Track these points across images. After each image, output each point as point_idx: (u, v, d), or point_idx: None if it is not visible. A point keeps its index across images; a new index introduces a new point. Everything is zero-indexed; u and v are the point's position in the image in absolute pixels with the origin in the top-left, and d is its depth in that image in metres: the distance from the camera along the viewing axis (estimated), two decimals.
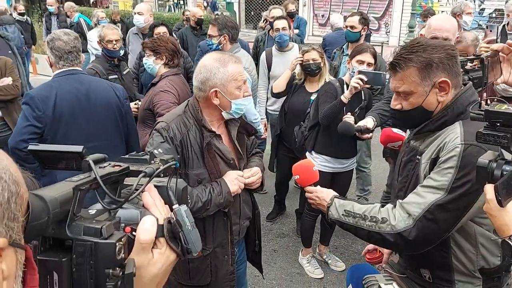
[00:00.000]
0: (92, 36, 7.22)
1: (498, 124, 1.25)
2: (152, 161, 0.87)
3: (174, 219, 0.83)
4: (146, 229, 0.76)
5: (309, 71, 3.70)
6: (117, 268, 0.67)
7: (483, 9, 12.97)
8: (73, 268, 0.66)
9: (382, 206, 1.76)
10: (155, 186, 0.85)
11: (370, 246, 2.31)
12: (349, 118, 3.20)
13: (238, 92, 2.10)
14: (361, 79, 3.05)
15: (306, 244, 3.87)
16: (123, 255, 0.69)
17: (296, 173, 2.09)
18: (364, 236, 1.76)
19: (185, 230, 0.83)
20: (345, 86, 3.31)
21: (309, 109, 3.65)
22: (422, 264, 1.83)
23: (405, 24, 12.96)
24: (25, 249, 0.58)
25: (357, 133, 3.04)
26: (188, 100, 2.24)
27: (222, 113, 2.16)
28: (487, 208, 1.26)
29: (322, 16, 16.78)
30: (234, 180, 2.14)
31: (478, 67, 2.16)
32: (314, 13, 16.93)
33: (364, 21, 4.29)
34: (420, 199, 1.61)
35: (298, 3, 15.36)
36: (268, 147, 5.68)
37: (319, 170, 3.38)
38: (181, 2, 21.42)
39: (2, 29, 6.68)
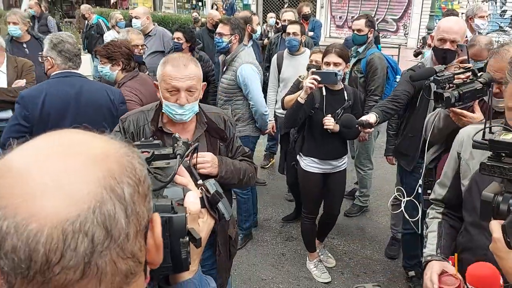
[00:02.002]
0: (109, 38, 7.35)
1: (504, 155, 1.15)
2: (176, 144, 0.99)
3: (212, 191, 0.97)
4: (193, 202, 0.89)
5: None
6: (186, 237, 0.78)
7: (504, 11, 12.70)
8: None
9: None
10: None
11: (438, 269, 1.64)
12: (328, 120, 3.27)
13: (167, 95, 2.05)
14: (315, 79, 3.10)
15: (310, 248, 3.85)
16: (188, 226, 0.79)
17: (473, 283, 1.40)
18: None
19: (222, 199, 0.99)
20: (323, 88, 3.33)
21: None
22: None
23: (424, 25, 12.78)
24: None
25: (359, 127, 3.02)
26: None
27: None
28: (494, 248, 1.15)
29: (340, 17, 16.67)
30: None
31: (470, 79, 2.12)
32: (331, 14, 16.85)
33: (371, 23, 4.31)
34: None
35: (315, 5, 15.34)
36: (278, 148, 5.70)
37: (310, 172, 3.51)
38: (200, 4, 21.61)
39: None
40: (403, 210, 2.68)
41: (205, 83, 2.20)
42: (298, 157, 3.61)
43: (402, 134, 3.38)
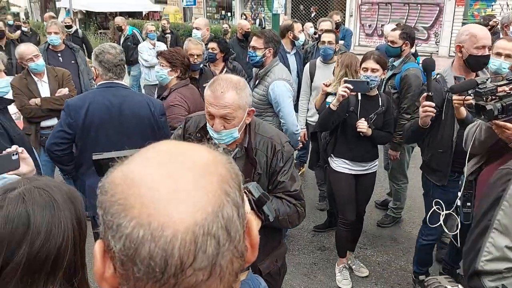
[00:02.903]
0: (143, 48, 7.55)
1: None
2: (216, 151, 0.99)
3: (256, 194, 1.00)
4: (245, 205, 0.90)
5: None
6: None
7: None
8: None
9: None
10: None
11: None
12: (362, 123, 3.38)
13: (207, 117, 2.06)
14: (348, 87, 3.18)
15: (341, 254, 3.89)
16: None
17: None
18: None
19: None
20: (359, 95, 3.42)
21: None
22: None
23: (455, 34, 12.58)
24: None
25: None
26: None
27: None
28: None
29: (369, 26, 16.58)
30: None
31: None
32: (361, 23, 16.78)
33: (406, 36, 4.15)
34: None
35: (344, 13, 15.31)
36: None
37: (341, 172, 3.58)
38: (229, 14, 21.91)
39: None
40: (442, 224, 2.63)
41: (253, 109, 2.13)
42: (329, 158, 3.70)
43: (430, 149, 3.27)
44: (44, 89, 4.24)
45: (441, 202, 2.75)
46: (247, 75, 5.00)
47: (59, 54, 5.35)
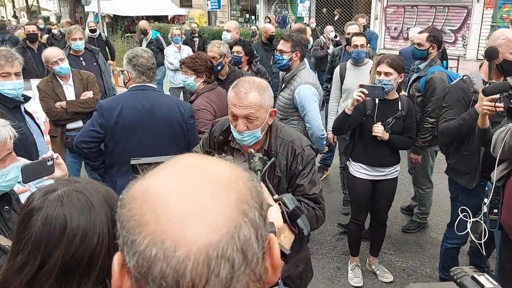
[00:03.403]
0: (168, 52, 7.66)
1: None
2: (252, 160, 1.01)
3: (291, 206, 0.97)
4: (277, 218, 0.90)
5: None
6: None
7: None
8: None
9: None
10: None
11: None
12: (377, 127, 3.34)
13: (231, 119, 2.12)
14: (363, 92, 3.17)
15: (353, 252, 3.94)
16: None
17: None
18: None
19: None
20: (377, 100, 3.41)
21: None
22: None
23: (484, 37, 12.33)
24: None
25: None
26: None
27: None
28: None
29: (395, 29, 16.41)
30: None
31: None
32: (386, 26, 16.62)
33: (433, 39, 4.08)
34: None
35: (369, 16, 15.18)
36: (335, 160, 5.68)
37: (358, 177, 3.58)
38: (253, 18, 22.00)
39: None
40: (470, 231, 2.58)
41: (275, 109, 2.16)
42: (347, 162, 3.71)
43: (457, 153, 3.24)
44: (69, 92, 4.31)
45: (467, 209, 2.71)
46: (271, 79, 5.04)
47: (81, 58, 5.46)
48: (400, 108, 3.45)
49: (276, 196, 1.00)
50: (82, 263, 1.06)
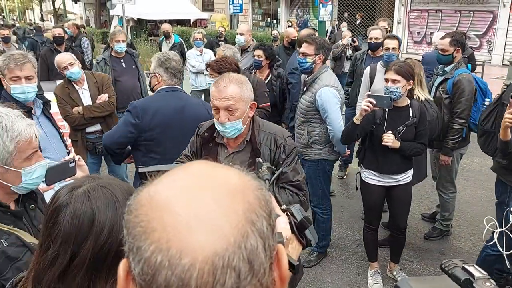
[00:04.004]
0: (191, 55, 7.73)
1: None
2: (260, 169, 1.01)
3: (299, 217, 0.97)
4: (285, 228, 0.88)
5: None
6: None
7: None
8: None
9: None
10: None
11: None
12: (387, 136, 3.31)
13: (213, 112, 2.23)
14: (371, 102, 3.17)
15: (371, 258, 3.90)
16: None
17: None
18: None
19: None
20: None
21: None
22: None
23: (510, 42, 12.08)
24: None
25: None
26: None
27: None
28: None
29: (418, 33, 16.22)
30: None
31: None
32: (409, 30, 16.44)
33: (456, 42, 4.05)
34: None
35: (392, 20, 15.03)
36: (354, 165, 5.62)
37: (369, 183, 3.59)
38: (274, 22, 22.04)
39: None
40: (497, 242, 2.51)
41: (254, 102, 2.27)
42: (359, 168, 3.72)
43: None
44: (85, 97, 4.30)
45: (493, 219, 2.64)
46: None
47: (121, 60, 5.57)
48: (411, 114, 3.40)
49: (284, 207, 1.00)
50: (110, 255, 1.08)
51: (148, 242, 0.53)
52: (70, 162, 1.99)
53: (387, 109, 3.34)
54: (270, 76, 4.88)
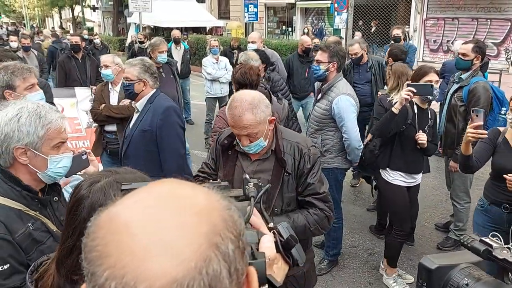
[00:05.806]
0: (207, 62, 7.79)
1: None
2: (247, 186, 0.98)
3: (285, 235, 0.93)
4: (270, 247, 0.84)
5: None
6: (266, 284, 0.71)
7: None
8: None
9: None
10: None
11: None
12: (422, 135, 3.46)
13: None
14: (411, 91, 3.25)
15: (392, 264, 3.88)
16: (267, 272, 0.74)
17: None
18: None
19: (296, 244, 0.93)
20: (415, 106, 3.53)
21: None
22: None
23: None
24: None
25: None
26: None
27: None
28: None
29: (434, 41, 16.09)
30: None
31: None
32: (425, 38, 16.32)
33: (479, 50, 4.04)
34: None
35: (408, 28, 14.94)
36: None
37: (396, 185, 3.63)
38: (289, 30, 22.10)
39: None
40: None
41: (273, 117, 2.20)
42: (381, 171, 3.73)
43: None
44: (113, 97, 4.48)
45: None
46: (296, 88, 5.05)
47: (161, 70, 5.66)
48: (430, 116, 3.62)
49: (271, 225, 0.96)
50: None
51: (102, 268, 0.50)
52: (83, 154, 2.07)
53: (416, 111, 3.49)
54: (263, 78, 4.90)
